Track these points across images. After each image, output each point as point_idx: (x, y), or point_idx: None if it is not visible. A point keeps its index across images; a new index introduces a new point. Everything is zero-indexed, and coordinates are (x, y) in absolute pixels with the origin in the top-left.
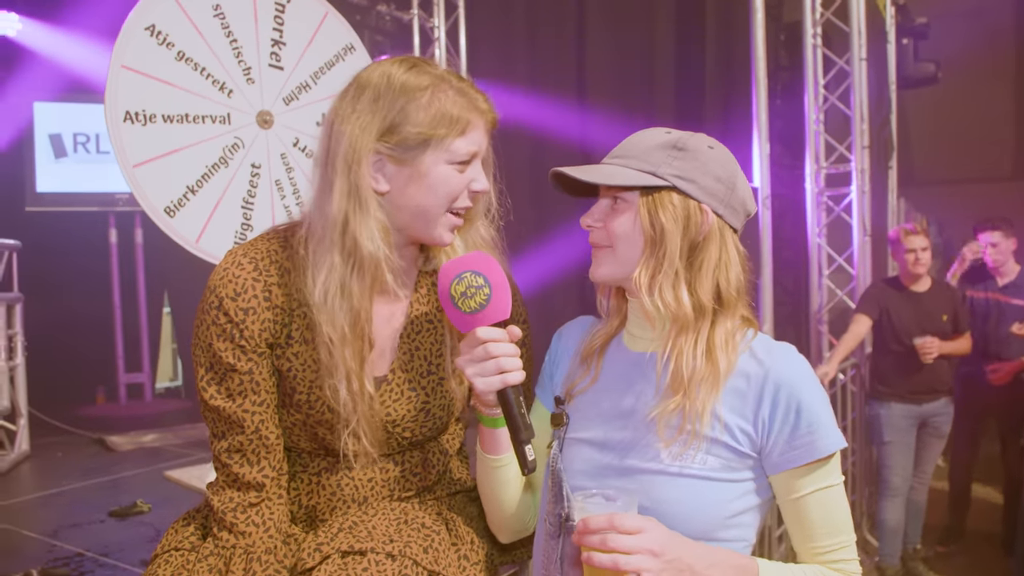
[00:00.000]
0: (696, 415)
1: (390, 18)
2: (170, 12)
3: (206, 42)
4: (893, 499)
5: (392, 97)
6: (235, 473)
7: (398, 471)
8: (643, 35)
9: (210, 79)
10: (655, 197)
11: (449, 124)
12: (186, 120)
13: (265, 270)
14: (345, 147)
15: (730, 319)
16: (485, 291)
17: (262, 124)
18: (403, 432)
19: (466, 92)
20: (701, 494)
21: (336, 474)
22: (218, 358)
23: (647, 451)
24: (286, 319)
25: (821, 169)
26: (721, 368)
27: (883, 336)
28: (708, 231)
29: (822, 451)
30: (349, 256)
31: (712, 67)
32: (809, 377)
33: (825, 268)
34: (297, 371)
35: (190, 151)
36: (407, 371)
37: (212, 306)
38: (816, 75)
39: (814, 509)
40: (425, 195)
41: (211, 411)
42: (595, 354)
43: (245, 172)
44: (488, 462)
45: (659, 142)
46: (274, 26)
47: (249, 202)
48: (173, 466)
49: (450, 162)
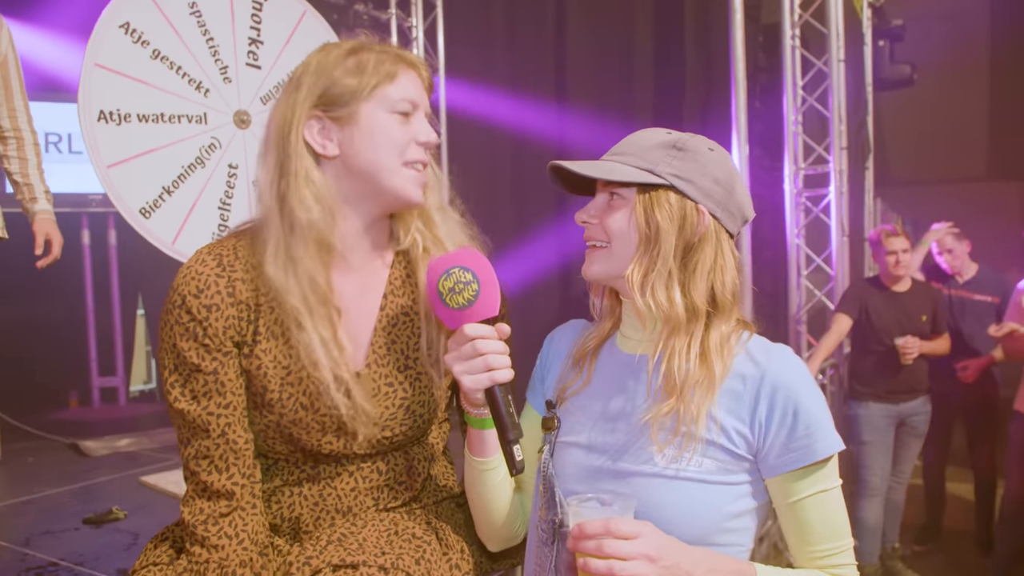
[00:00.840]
0: (691, 418)
1: (368, 17)
2: (145, 10)
3: (182, 40)
4: (872, 498)
5: (317, 71)
6: (204, 481)
7: (382, 479)
8: (622, 35)
9: (186, 78)
10: (652, 195)
11: (375, 72)
12: (162, 120)
13: (229, 266)
14: (275, 126)
15: (725, 323)
16: (473, 287)
17: (239, 124)
18: (382, 432)
19: (389, 50)
20: (697, 497)
21: (318, 483)
22: (183, 358)
23: (640, 454)
24: (252, 315)
25: (800, 170)
26: (716, 372)
27: (863, 336)
28: (704, 232)
29: (820, 454)
30: (290, 228)
31: (691, 68)
32: (806, 379)
33: (804, 268)
34: (267, 368)
35: (166, 151)
36: (383, 365)
37: (175, 305)
38: (795, 76)
39: (812, 513)
40: (370, 147)
41: (177, 415)
42: (587, 357)
43: (222, 173)
44: (476, 465)
45: (659, 141)
46: (251, 24)
47: (226, 203)
48: (149, 471)
49: (389, 111)
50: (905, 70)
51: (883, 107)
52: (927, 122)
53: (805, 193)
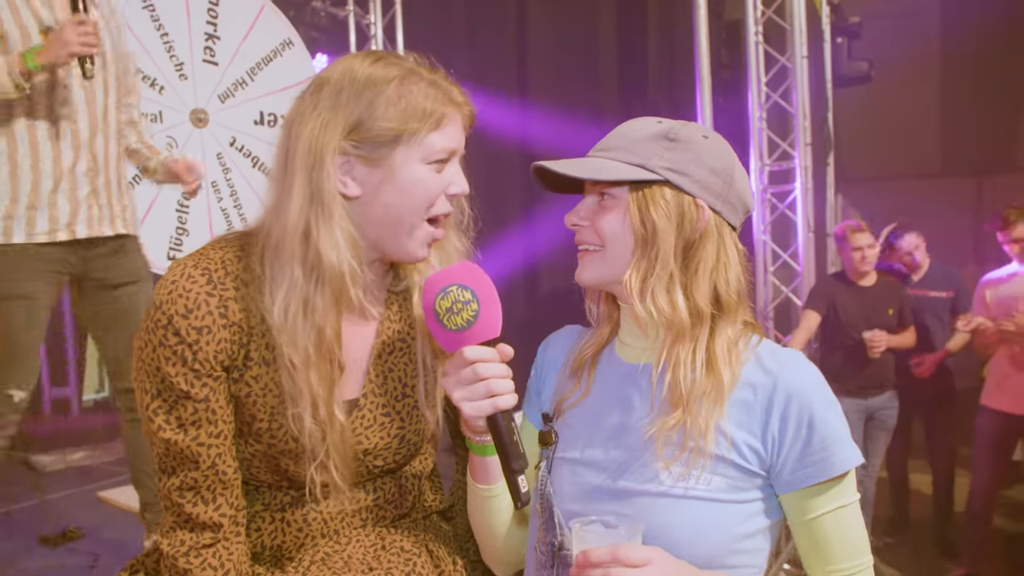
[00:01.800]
0: (699, 432)
1: (325, 14)
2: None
3: (135, 35)
4: None
5: (356, 91)
6: (188, 513)
7: (370, 500)
8: (585, 31)
9: (139, 75)
10: (645, 192)
11: (421, 117)
12: None
13: (220, 283)
14: (304, 146)
15: (731, 325)
16: (473, 307)
17: (196, 122)
18: (375, 461)
19: (439, 84)
20: (706, 517)
21: (302, 508)
22: (168, 384)
23: (644, 471)
24: (244, 338)
25: (765, 166)
26: (725, 381)
27: (831, 331)
28: (704, 229)
29: (837, 468)
30: (312, 269)
31: (655, 64)
32: (821, 387)
33: (770, 264)
34: (257, 396)
35: None
36: (380, 395)
37: (160, 325)
38: (759, 73)
39: (830, 530)
40: (399, 199)
41: (159, 444)
42: (586, 366)
43: None
44: (479, 492)
45: (649, 132)
46: (208, 19)
47: (184, 205)
48: (106, 486)
49: (425, 160)
50: (863, 67)
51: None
52: (882, 119)
53: (771, 189)
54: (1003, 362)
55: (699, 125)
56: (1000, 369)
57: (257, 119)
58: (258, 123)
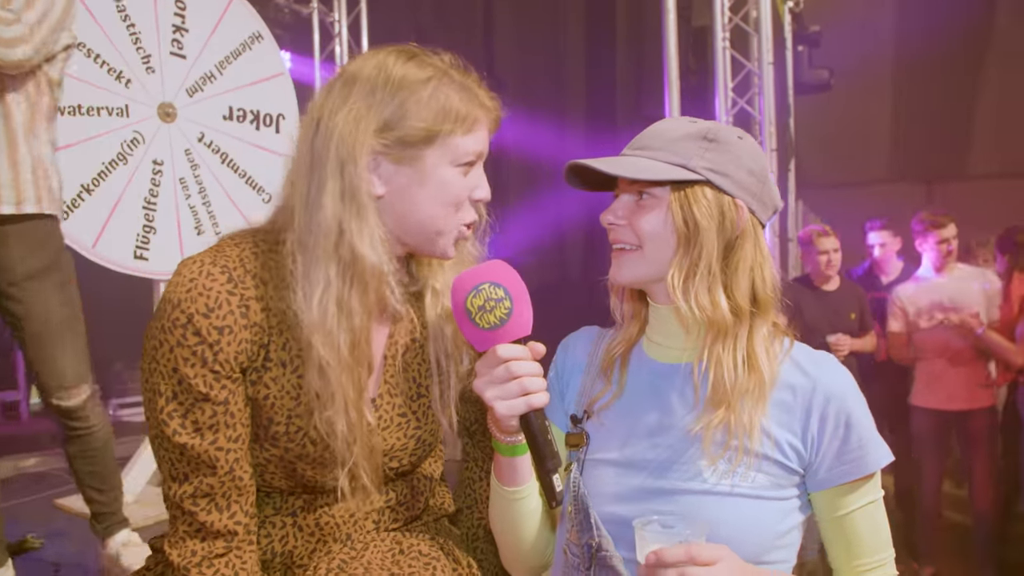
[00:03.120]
0: (744, 430)
1: (289, 11)
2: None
3: (100, 26)
4: None
5: (390, 90)
6: (201, 521)
7: (383, 502)
8: (554, 33)
9: (105, 67)
10: (688, 192)
11: (455, 120)
12: (79, 112)
13: (240, 281)
14: (338, 143)
15: (765, 324)
16: (506, 304)
17: (164, 117)
18: (391, 463)
19: (470, 87)
20: (751, 515)
21: (314, 512)
22: (186, 385)
23: (688, 469)
24: (264, 339)
25: None
26: (765, 377)
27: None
28: (743, 228)
29: (871, 466)
30: (347, 269)
31: (623, 69)
32: (855, 389)
33: None
34: (275, 399)
35: (84, 146)
36: (395, 395)
37: (178, 324)
38: (725, 78)
39: (861, 525)
40: (428, 200)
41: (173, 449)
42: (615, 364)
43: (146, 169)
44: (507, 495)
45: (687, 132)
46: (175, 11)
47: (151, 202)
48: (62, 493)
49: (454, 163)
50: (823, 75)
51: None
52: (839, 126)
53: None
54: (932, 363)
55: (733, 126)
56: (929, 370)
57: (226, 114)
58: (227, 118)
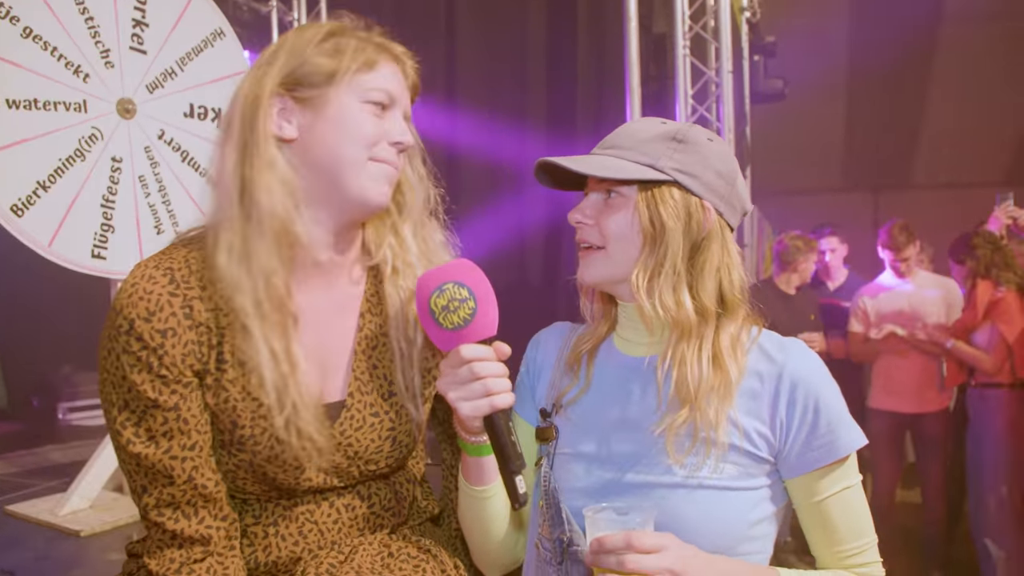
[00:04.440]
0: (709, 425)
1: (248, 9)
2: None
3: (57, 19)
4: None
5: (290, 48)
6: (171, 530)
7: (366, 507)
8: (514, 37)
9: (63, 61)
10: (655, 192)
11: (353, 56)
12: (35, 106)
13: (184, 281)
14: (242, 102)
15: (734, 322)
16: (470, 304)
17: (123, 113)
18: (368, 465)
19: (374, 39)
20: (721, 506)
21: (296, 520)
22: (135, 393)
23: (656, 466)
24: (214, 339)
25: None
26: (732, 376)
27: None
28: (710, 229)
29: (842, 451)
30: (248, 217)
31: (584, 74)
32: (824, 373)
33: None
34: (236, 400)
35: (40, 141)
36: (366, 393)
37: (121, 331)
38: (686, 86)
39: (837, 511)
40: (335, 135)
41: (130, 460)
42: (583, 360)
43: (104, 166)
44: (474, 494)
45: (657, 133)
46: (136, 4)
47: (110, 200)
48: (14, 499)
49: (361, 100)
50: (778, 84)
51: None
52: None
53: None
54: (887, 366)
55: (703, 128)
56: (885, 373)
57: (187, 111)
58: (188, 115)
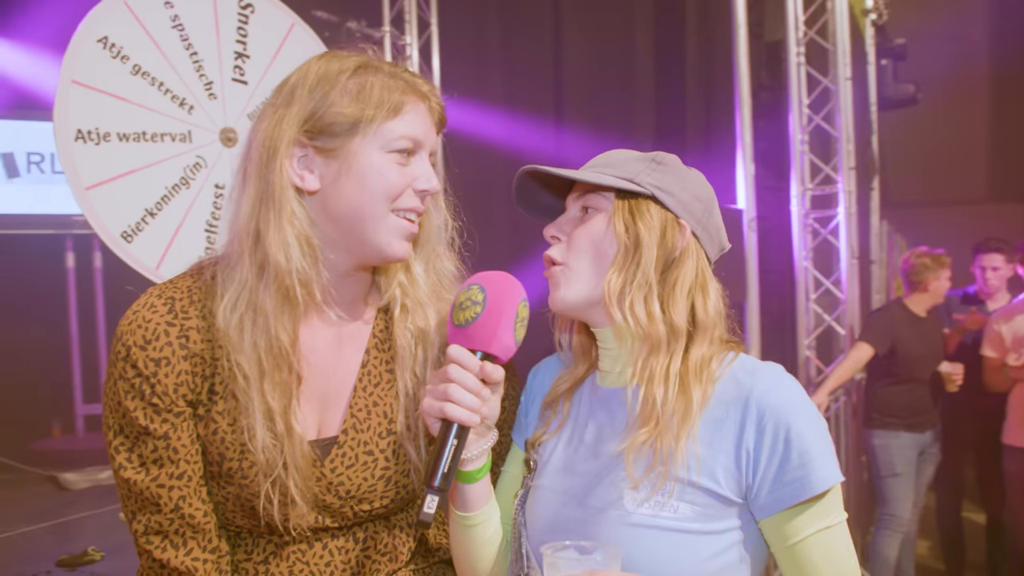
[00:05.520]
0: (668, 452)
1: (360, 35)
2: (124, 23)
3: (164, 55)
4: (897, 533)
5: (311, 86)
6: (158, 559)
7: (359, 549)
8: (622, 50)
9: (169, 94)
10: (632, 204)
11: (378, 104)
12: (143, 138)
13: (182, 312)
14: (259, 146)
15: (707, 344)
16: (476, 309)
17: (226, 142)
18: (361, 505)
19: (400, 75)
20: (673, 548)
21: (286, 560)
22: (128, 419)
23: (608, 494)
24: (207, 370)
25: (807, 191)
26: (695, 399)
27: (891, 363)
28: (684, 248)
29: (816, 487)
30: (261, 269)
31: (692, 86)
32: (799, 399)
33: (812, 292)
34: (225, 433)
35: (148, 171)
36: (362, 431)
37: (119, 356)
38: (800, 95)
39: (816, 554)
40: (358, 190)
41: (122, 484)
42: (560, 399)
43: (208, 193)
44: (459, 520)
45: (637, 155)
46: (237, 38)
47: (213, 225)
48: None
49: (385, 149)
50: (909, 89)
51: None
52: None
53: (812, 214)
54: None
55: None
56: (1021, 405)
57: None
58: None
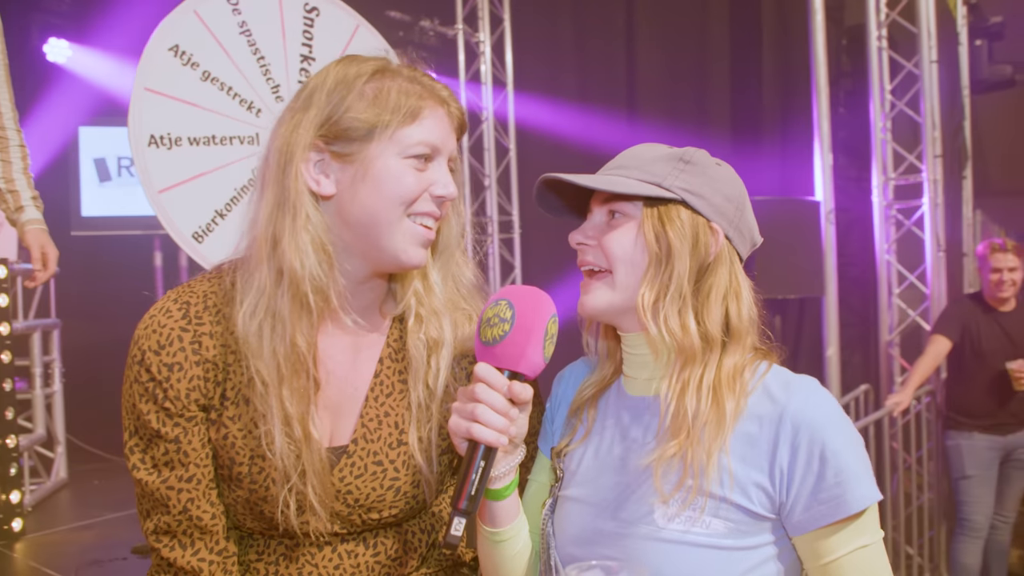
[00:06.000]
0: (700, 466)
1: (434, 33)
2: (194, 31)
3: (232, 60)
4: (974, 539)
5: (328, 90)
6: (165, 558)
7: (369, 555)
8: (695, 43)
9: (237, 99)
10: (661, 210)
11: (394, 109)
12: (213, 142)
13: (196, 317)
14: (277, 151)
15: (739, 352)
16: (504, 328)
17: None
18: (370, 514)
19: (419, 80)
20: (704, 565)
21: (296, 562)
22: (142, 422)
23: (637, 509)
24: (220, 376)
25: (889, 180)
26: (727, 410)
27: (964, 360)
28: (718, 253)
29: (853, 506)
30: (279, 276)
31: (769, 74)
32: (835, 415)
33: (895, 286)
34: (235, 438)
35: (218, 173)
36: (373, 441)
37: (135, 360)
38: (882, 80)
39: (850, 574)
40: (373, 195)
41: (136, 484)
42: (585, 406)
43: None
44: (487, 535)
45: (663, 154)
46: (303, 41)
47: None
48: None
49: (402, 155)
50: (1005, 71)
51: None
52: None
53: (896, 205)
54: None
55: (708, 153)
56: None
57: None
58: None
